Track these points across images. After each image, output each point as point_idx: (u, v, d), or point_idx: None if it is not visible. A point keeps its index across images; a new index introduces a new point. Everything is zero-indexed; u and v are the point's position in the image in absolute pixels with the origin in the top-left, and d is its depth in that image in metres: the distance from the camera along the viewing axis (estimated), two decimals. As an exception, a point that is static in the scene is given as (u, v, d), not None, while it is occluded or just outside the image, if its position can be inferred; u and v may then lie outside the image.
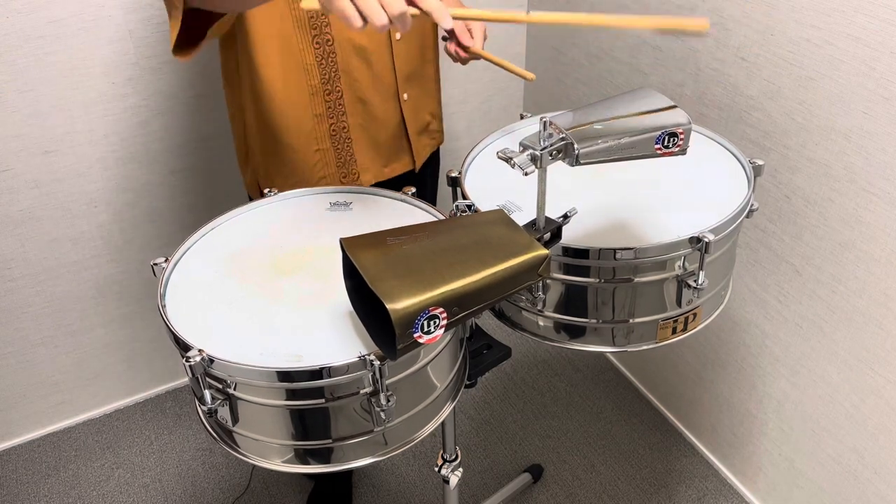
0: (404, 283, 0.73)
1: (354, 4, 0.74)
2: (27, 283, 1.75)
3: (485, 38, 1.24)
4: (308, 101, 1.22)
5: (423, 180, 1.47)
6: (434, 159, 1.51)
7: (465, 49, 1.24)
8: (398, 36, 1.24)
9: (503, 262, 0.78)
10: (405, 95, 1.31)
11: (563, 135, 0.78)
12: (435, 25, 1.35)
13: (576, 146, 0.77)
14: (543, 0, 1.89)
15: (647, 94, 0.86)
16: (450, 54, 1.28)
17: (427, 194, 1.52)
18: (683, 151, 0.82)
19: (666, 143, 0.81)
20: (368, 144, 1.31)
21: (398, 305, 0.70)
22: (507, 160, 0.80)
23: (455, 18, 0.81)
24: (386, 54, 1.25)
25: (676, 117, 0.81)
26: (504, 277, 0.77)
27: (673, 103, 0.83)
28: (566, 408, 1.97)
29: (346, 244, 0.78)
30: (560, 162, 0.81)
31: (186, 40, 1.09)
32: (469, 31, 1.25)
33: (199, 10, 1.04)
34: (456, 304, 0.75)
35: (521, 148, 0.80)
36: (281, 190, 1.14)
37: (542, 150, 0.79)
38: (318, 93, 1.22)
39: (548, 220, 0.88)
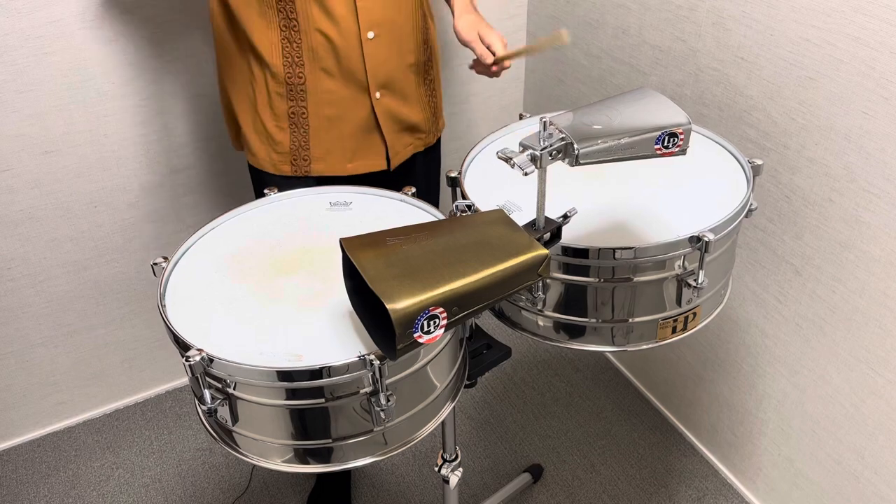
0: (404, 283, 0.73)
1: None
2: (27, 283, 1.75)
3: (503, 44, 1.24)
4: (269, 80, 1.25)
5: (415, 179, 1.46)
6: (431, 158, 1.49)
7: (496, 63, 1.23)
8: (370, 35, 1.24)
9: (503, 261, 0.78)
10: (377, 94, 1.30)
11: (563, 135, 0.78)
12: (423, 28, 1.34)
13: (575, 146, 0.77)
14: (543, 0, 1.89)
15: (646, 95, 0.86)
16: (484, 73, 1.28)
17: (422, 193, 1.51)
18: (683, 152, 0.82)
19: (666, 144, 0.81)
20: (329, 134, 1.30)
21: (398, 305, 0.70)
22: (507, 160, 0.80)
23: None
24: (356, 51, 1.24)
25: (676, 117, 0.81)
26: (504, 277, 0.77)
27: (672, 103, 0.83)
28: (566, 408, 1.97)
29: (345, 244, 0.78)
30: (560, 162, 0.81)
31: None
32: (488, 47, 1.23)
33: None
34: (456, 304, 0.75)
35: (521, 148, 0.80)
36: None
37: (541, 150, 0.79)
38: (279, 73, 1.25)
39: (548, 219, 0.88)
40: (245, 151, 1.38)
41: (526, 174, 0.79)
